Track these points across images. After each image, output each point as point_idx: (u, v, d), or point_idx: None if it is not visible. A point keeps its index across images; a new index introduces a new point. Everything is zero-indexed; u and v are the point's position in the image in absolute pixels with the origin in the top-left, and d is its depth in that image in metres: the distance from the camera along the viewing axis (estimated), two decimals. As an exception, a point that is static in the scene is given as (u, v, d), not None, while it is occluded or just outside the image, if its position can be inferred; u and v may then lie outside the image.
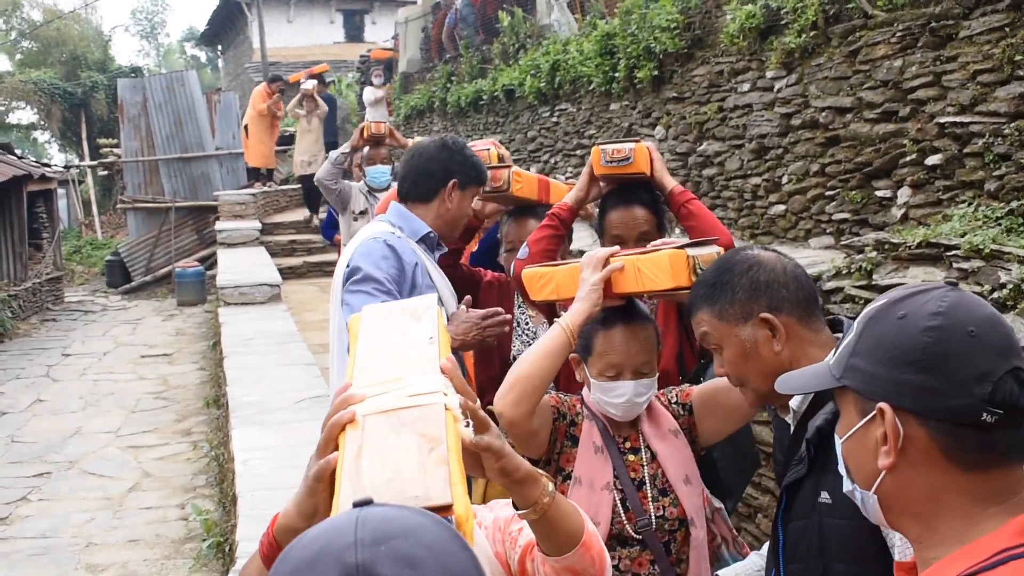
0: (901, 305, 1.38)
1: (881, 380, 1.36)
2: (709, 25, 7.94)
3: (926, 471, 1.33)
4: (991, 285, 3.93)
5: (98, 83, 28.58)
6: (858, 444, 1.42)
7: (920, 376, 1.31)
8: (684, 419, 2.82)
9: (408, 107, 17.34)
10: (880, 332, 1.39)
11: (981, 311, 1.35)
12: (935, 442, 1.31)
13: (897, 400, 1.33)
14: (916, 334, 1.33)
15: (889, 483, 1.37)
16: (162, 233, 18.58)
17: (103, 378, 11.49)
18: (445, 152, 3.52)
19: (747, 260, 2.22)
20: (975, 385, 1.29)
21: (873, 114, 5.79)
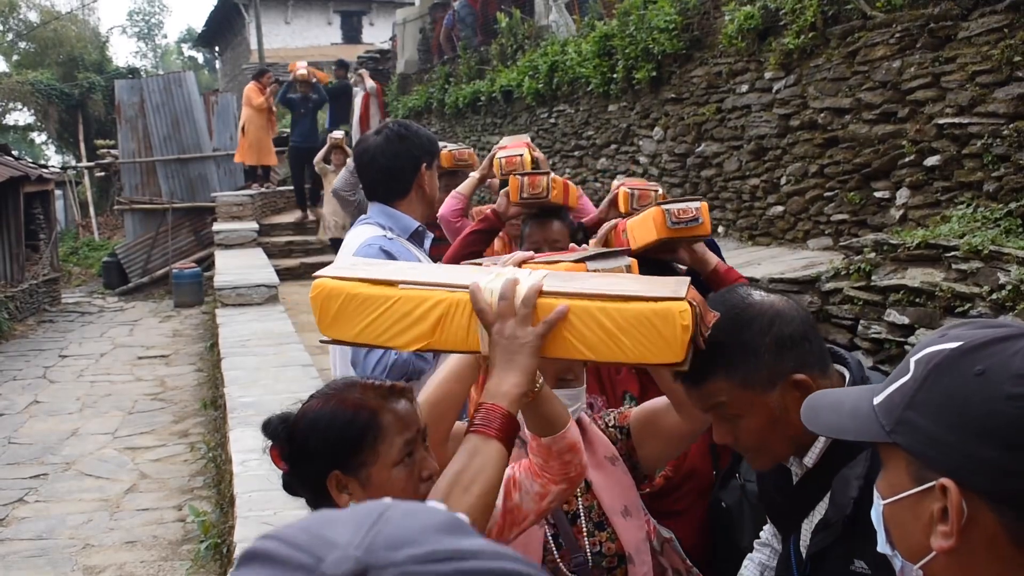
0: (979, 357, 1.13)
1: (948, 449, 1.13)
2: (707, 26, 7.94)
3: (988, 559, 1.12)
4: (990, 286, 3.93)
5: (95, 84, 28.55)
6: (906, 512, 1.20)
7: (999, 453, 1.08)
8: (622, 444, 2.51)
9: (406, 108, 17.34)
10: (951, 388, 1.14)
11: None
12: (1006, 530, 1.10)
13: (967, 477, 1.11)
14: (1000, 401, 1.08)
15: (942, 564, 1.16)
16: (159, 234, 18.56)
17: (100, 379, 11.47)
18: (404, 142, 3.46)
19: (765, 314, 1.84)
20: None
21: (872, 115, 5.79)
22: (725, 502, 2.86)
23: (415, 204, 3.52)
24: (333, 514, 0.72)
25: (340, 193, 6.54)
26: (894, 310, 4.43)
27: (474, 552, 0.66)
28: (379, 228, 3.44)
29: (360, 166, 3.55)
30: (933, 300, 4.19)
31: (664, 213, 2.91)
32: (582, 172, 10.14)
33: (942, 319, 4.06)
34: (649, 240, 2.90)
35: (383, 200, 3.51)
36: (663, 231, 2.93)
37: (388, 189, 3.49)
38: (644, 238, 2.93)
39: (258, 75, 16.82)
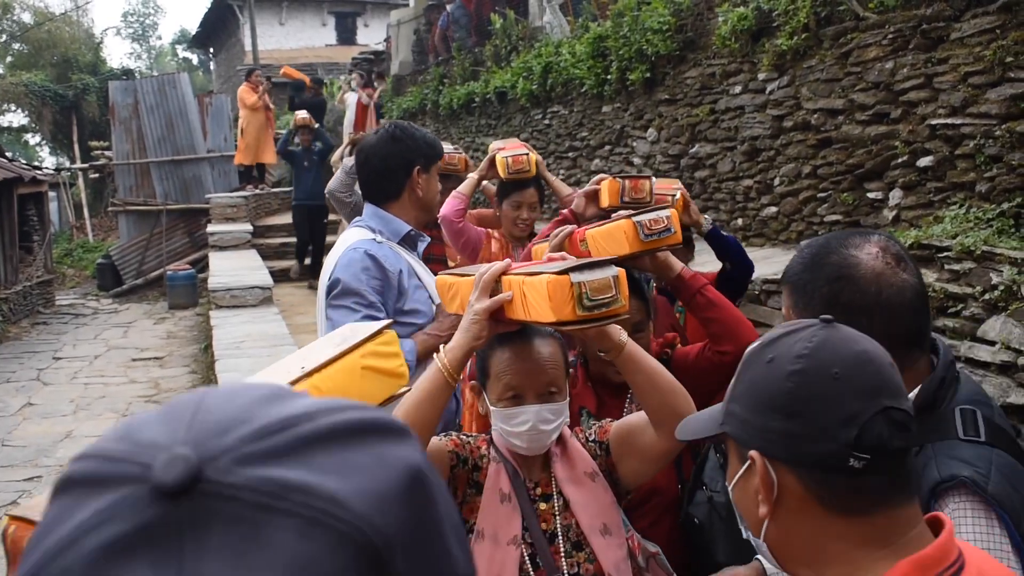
0: (771, 348, 1.34)
1: (752, 427, 1.33)
2: (701, 27, 7.95)
3: (804, 519, 1.29)
4: (982, 286, 3.93)
5: (89, 85, 28.51)
6: (742, 492, 1.38)
7: (785, 423, 1.28)
8: (602, 460, 2.43)
9: (400, 109, 17.33)
10: (751, 377, 1.36)
11: (849, 349, 1.30)
12: (807, 490, 1.28)
13: (767, 448, 1.30)
14: (781, 379, 1.29)
15: (773, 531, 1.33)
16: (153, 236, 18.54)
17: (94, 381, 11.45)
18: (398, 144, 3.46)
19: (838, 268, 1.87)
20: (840, 430, 1.25)
21: (864, 116, 5.79)
22: (697, 518, 2.80)
23: (408, 207, 3.51)
24: (144, 416, 0.64)
25: (336, 194, 6.31)
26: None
27: (308, 414, 0.60)
28: (369, 231, 3.43)
29: (357, 166, 3.56)
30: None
31: (636, 226, 2.80)
32: (576, 173, 10.14)
33: (935, 319, 4.06)
34: (619, 254, 2.74)
35: (376, 201, 3.51)
36: (635, 244, 2.81)
37: (380, 190, 3.49)
38: (612, 251, 2.77)
39: (249, 75, 16.86)
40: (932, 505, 1.69)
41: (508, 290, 2.23)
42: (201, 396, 0.63)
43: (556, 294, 2.07)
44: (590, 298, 2.08)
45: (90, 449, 0.62)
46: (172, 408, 0.63)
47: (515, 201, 4.85)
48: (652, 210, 2.82)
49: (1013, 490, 1.69)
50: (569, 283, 2.06)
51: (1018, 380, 3.56)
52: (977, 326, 3.87)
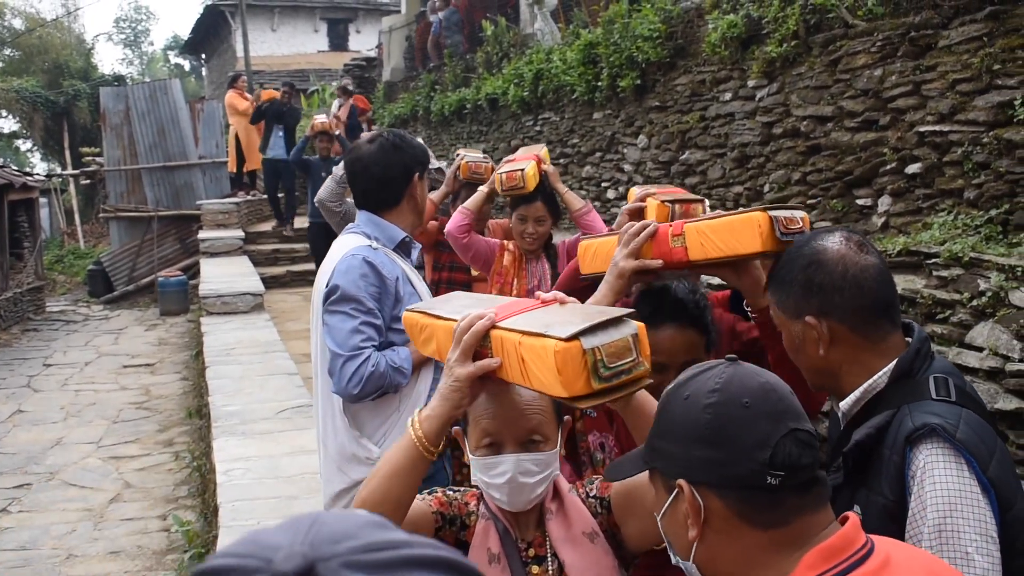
0: (686, 387, 1.49)
1: (677, 459, 1.46)
2: (691, 34, 7.97)
3: (730, 536, 1.42)
4: (970, 293, 3.95)
5: (80, 91, 28.46)
6: (671, 520, 1.51)
7: (707, 451, 1.42)
8: (603, 519, 2.14)
9: (392, 116, 17.34)
10: (671, 414, 1.50)
11: (755, 381, 1.45)
12: (731, 509, 1.41)
13: (692, 475, 1.44)
14: (698, 412, 1.44)
15: (703, 551, 1.46)
16: (145, 242, 18.51)
17: (85, 388, 11.42)
18: (399, 153, 3.46)
19: (808, 256, 2.08)
20: (756, 451, 1.39)
21: (853, 123, 5.82)
22: None
23: (405, 214, 3.52)
24: (266, 528, 0.75)
25: (326, 204, 6.23)
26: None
27: (406, 542, 0.71)
28: (364, 238, 3.43)
29: (352, 174, 3.53)
30: (914, 307, 4.21)
31: (772, 221, 2.32)
32: (568, 180, 10.15)
33: (923, 325, 4.08)
34: (744, 252, 2.37)
35: (372, 209, 3.50)
36: (770, 242, 2.33)
37: (379, 198, 3.48)
38: (734, 248, 2.38)
39: (233, 81, 16.89)
40: (908, 453, 1.86)
41: (500, 349, 1.90)
42: (317, 514, 0.75)
43: (567, 366, 1.73)
44: (607, 366, 1.75)
45: (221, 550, 0.74)
46: (292, 521, 0.75)
47: (520, 215, 4.72)
48: (786, 207, 2.40)
49: (980, 440, 1.87)
50: (581, 351, 1.73)
51: (1006, 386, 3.58)
52: (965, 332, 3.89)
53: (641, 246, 2.53)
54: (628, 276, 2.52)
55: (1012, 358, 3.57)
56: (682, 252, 2.47)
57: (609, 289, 2.52)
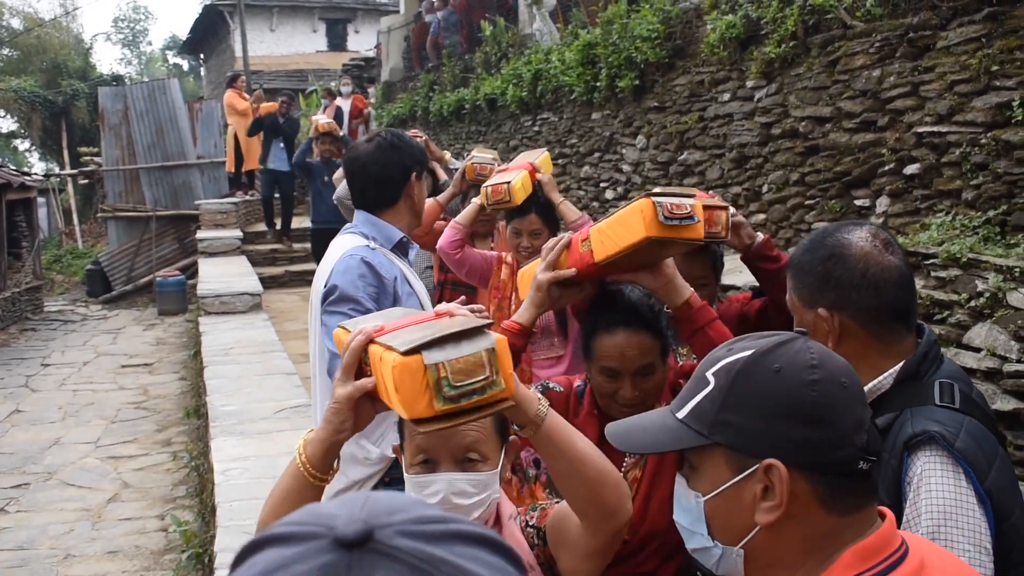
0: (772, 357, 1.36)
1: (763, 435, 1.33)
2: (690, 35, 7.98)
3: (803, 522, 1.32)
4: (968, 293, 3.95)
5: (79, 91, 28.46)
6: (729, 501, 1.37)
7: (806, 430, 1.31)
8: (539, 550, 1.96)
9: (390, 116, 17.34)
10: (756, 387, 1.35)
11: (841, 360, 1.39)
12: (815, 494, 1.32)
13: (786, 456, 1.31)
14: (801, 387, 1.32)
15: (763, 538, 1.35)
16: (143, 242, 18.50)
17: (83, 388, 11.41)
18: (396, 152, 3.46)
19: (831, 248, 2.06)
20: (855, 435, 1.32)
21: (852, 124, 5.82)
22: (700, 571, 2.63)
23: (402, 214, 3.51)
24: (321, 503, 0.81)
25: (344, 201, 5.94)
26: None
27: (452, 519, 0.76)
28: (362, 238, 3.43)
29: (350, 174, 3.54)
30: (912, 308, 4.21)
31: (656, 207, 2.29)
32: (566, 180, 10.16)
33: (921, 327, 4.08)
34: (632, 241, 2.32)
35: (370, 208, 3.50)
36: (654, 227, 2.29)
37: (376, 197, 3.48)
38: (625, 240, 2.34)
39: (232, 81, 16.86)
40: (906, 459, 1.84)
41: (376, 367, 1.68)
42: (368, 493, 0.80)
43: (404, 383, 1.53)
44: (452, 384, 1.52)
45: (278, 521, 0.77)
46: (345, 498, 0.79)
47: (515, 228, 4.35)
48: (674, 193, 2.37)
49: (979, 450, 1.84)
50: (421, 366, 1.51)
51: (1003, 387, 3.58)
52: (963, 333, 3.89)
53: (557, 258, 2.54)
54: (545, 288, 2.52)
55: (1010, 359, 3.57)
56: (589, 255, 2.44)
57: (529, 303, 2.55)
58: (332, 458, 1.75)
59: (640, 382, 2.52)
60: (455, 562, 0.71)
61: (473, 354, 1.53)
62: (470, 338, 1.55)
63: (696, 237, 2.40)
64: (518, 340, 2.57)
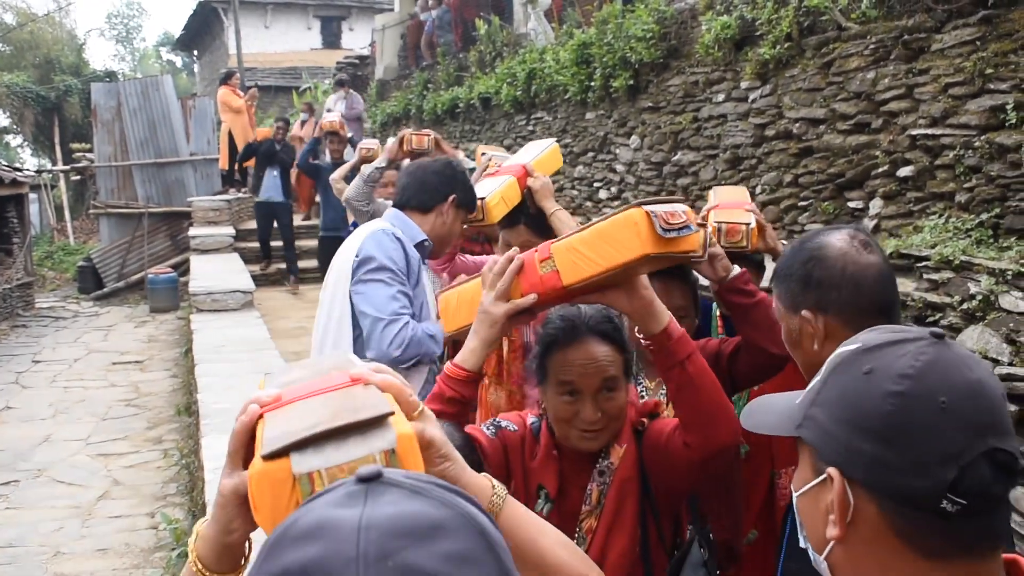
0: (871, 357, 1.19)
1: (836, 441, 1.19)
2: (684, 35, 7.98)
3: (878, 550, 1.17)
4: (960, 296, 3.95)
5: (72, 87, 28.35)
6: (811, 504, 1.25)
7: (877, 447, 1.14)
8: None
9: (384, 114, 17.32)
10: (843, 385, 1.21)
11: (962, 376, 1.14)
12: (887, 521, 1.15)
13: (848, 468, 1.17)
14: (879, 398, 1.15)
15: (839, 554, 1.21)
16: (135, 239, 18.44)
17: (73, 385, 11.37)
18: (450, 170, 3.66)
19: (810, 251, 2.11)
20: (938, 468, 1.11)
21: (846, 125, 5.82)
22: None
23: (428, 226, 3.64)
24: None
25: (353, 203, 5.91)
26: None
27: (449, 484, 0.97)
28: (390, 226, 3.58)
29: (407, 172, 3.78)
30: (905, 309, 4.21)
31: (650, 217, 2.00)
32: (559, 179, 10.15)
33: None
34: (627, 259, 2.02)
35: (404, 206, 3.66)
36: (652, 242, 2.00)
37: (413, 198, 3.65)
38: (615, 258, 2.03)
39: (227, 78, 16.79)
40: None
41: None
42: None
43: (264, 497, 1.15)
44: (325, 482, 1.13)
45: None
46: None
47: (504, 240, 3.93)
48: (663, 200, 2.09)
49: None
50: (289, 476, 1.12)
51: (995, 390, 3.58)
52: (955, 335, 3.89)
53: (509, 285, 2.15)
54: (500, 323, 2.17)
55: (1002, 361, 3.57)
56: (554, 277, 2.08)
57: (479, 343, 2.19)
58: (231, 557, 1.35)
59: (602, 401, 2.29)
60: (444, 491, 0.92)
61: (362, 458, 1.11)
62: (363, 432, 1.14)
63: (694, 250, 2.13)
64: (465, 390, 2.24)
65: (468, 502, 0.93)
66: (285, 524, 0.91)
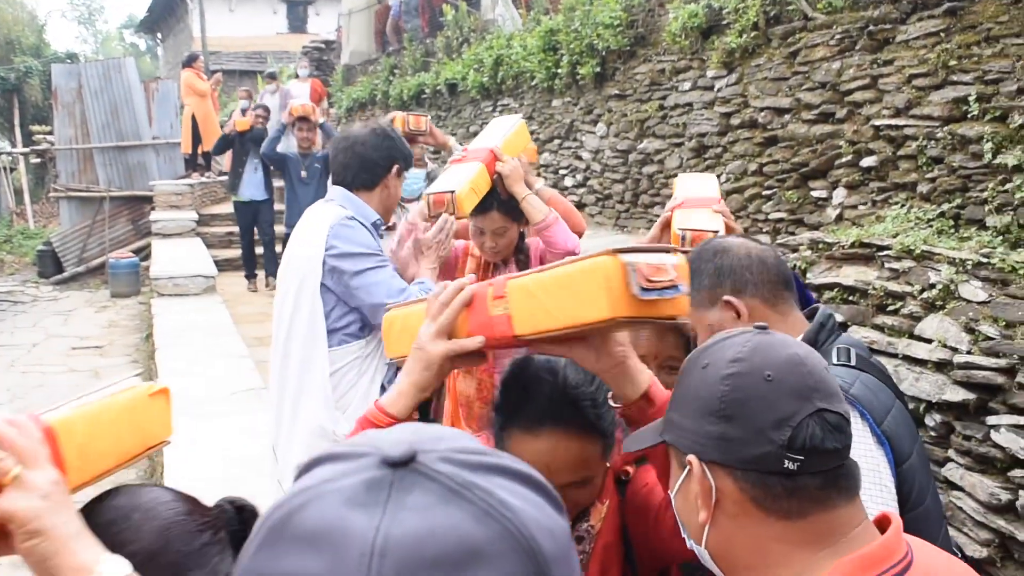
0: (706, 354, 1.35)
1: (689, 432, 1.32)
2: (652, 23, 7.98)
3: (744, 523, 1.28)
4: (921, 285, 3.98)
5: (32, 68, 27.92)
6: (683, 499, 1.36)
7: (720, 426, 1.28)
8: None
9: (350, 99, 17.21)
10: (687, 383, 1.36)
11: (782, 352, 1.30)
12: (744, 492, 1.27)
13: (703, 452, 1.30)
14: (715, 383, 1.29)
15: (714, 537, 1.32)
16: (96, 223, 18.22)
17: (32, 370, 11.22)
18: (387, 140, 3.58)
19: (714, 248, 2.26)
20: (773, 431, 1.24)
21: (810, 115, 5.85)
22: None
23: (376, 201, 3.58)
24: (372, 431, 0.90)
25: None
26: (828, 307, 4.48)
27: (496, 453, 0.80)
28: (341, 209, 3.50)
29: (337, 150, 3.62)
30: (866, 298, 4.23)
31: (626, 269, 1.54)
32: (525, 167, 10.13)
33: (874, 316, 4.11)
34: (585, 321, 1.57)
35: (349, 186, 3.57)
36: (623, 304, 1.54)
37: (356, 177, 3.56)
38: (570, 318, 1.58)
39: (190, 61, 16.58)
40: None
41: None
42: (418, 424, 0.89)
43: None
44: None
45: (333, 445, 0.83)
46: (397, 426, 0.87)
47: (476, 227, 3.75)
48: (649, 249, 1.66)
49: (875, 398, 1.98)
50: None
51: (953, 377, 3.61)
52: (915, 324, 3.92)
53: (453, 320, 1.71)
54: (437, 366, 1.70)
55: (960, 350, 3.60)
56: (506, 323, 1.65)
57: (410, 386, 1.72)
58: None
59: (571, 492, 1.84)
60: (490, 489, 0.75)
61: None
62: None
63: (679, 314, 1.70)
64: None
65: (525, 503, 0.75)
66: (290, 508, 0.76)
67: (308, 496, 0.76)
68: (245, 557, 0.77)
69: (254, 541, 0.77)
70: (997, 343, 3.51)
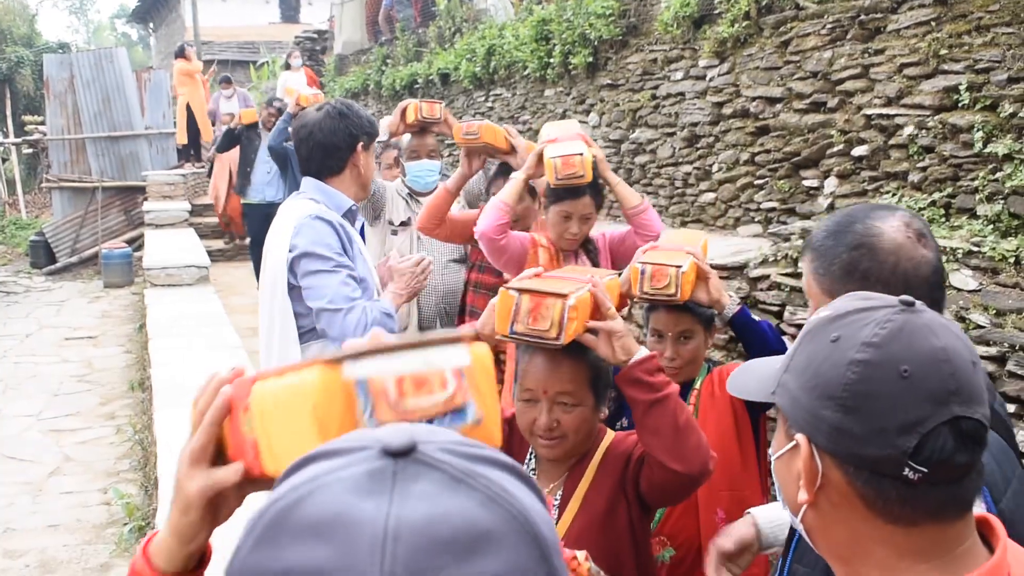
0: (839, 324, 1.19)
1: (803, 408, 1.19)
2: (644, 13, 7.98)
3: (846, 515, 1.18)
4: (912, 274, 4.00)
5: (24, 58, 27.83)
6: (785, 468, 1.25)
7: (839, 415, 1.14)
8: None
9: (343, 89, 17.18)
10: (811, 353, 1.20)
11: (927, 344, 1.13)
12: (853, 488, 1.15)
13: (814, 435, 1.17)
14: (843, 366, 1.14)
15: (812, 518, 1.22)
16: (88, 213, 18.18)
17: (25, 360, 11.21)
18: (344, 120, 3.48)
19: (860, 236, 1.85)
20: (898, 436, 1.10)
21: (802, 104, 5.86)
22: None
23: (348, 183, 3.54)
24: None
25: None
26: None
27: (489, 448, 0.81)
28: (313, 204, 3.45)
29: (297, 140, 3.57)
30: (857, 287, 4.25)
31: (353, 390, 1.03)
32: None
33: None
34: None
35: (316, 176, 3.53)
36: None
37: (322, 165, 3.51)
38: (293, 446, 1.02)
39: (180, 53, 16.57)
40: None
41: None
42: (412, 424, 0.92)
43: None
44: None
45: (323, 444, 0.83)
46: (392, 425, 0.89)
47: (563, 212, 3.73)
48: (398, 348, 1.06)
49: (998, 467, 1.70)
50: None
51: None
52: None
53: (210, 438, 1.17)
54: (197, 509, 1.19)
55: (951, 338, 3.62)
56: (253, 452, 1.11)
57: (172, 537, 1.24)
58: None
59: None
60: (490, 477, 0.76)
61: None
62: None
63: None
64: None
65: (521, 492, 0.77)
66: (288, 501, 0.73)
67: (308, 489, 0.74)
68: (239, 556, 0.73)
69: (249, 538, 0.73)
70: (988, 331, 3.53)
